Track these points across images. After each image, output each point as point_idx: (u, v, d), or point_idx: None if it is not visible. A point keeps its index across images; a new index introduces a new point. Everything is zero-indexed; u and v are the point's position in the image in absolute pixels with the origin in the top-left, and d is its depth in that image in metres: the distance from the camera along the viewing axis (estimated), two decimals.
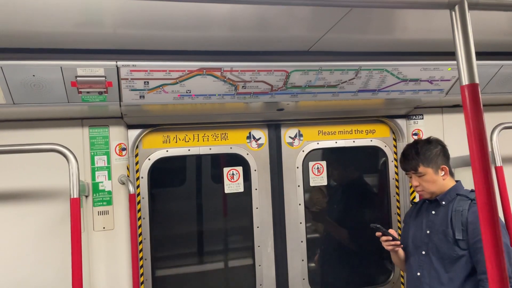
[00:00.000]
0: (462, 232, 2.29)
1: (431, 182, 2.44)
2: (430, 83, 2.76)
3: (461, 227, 2.30)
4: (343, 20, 1.95)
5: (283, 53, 2.40)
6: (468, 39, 1.16)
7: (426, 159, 2.44)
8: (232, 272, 3.31)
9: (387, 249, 2.57)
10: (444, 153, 2.52)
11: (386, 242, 2.52)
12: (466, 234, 2.29)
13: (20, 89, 2.19)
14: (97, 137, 2.74)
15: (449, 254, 2.34)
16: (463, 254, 2.30)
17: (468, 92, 1.15)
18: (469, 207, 2.32)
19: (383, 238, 2.53)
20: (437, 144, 2.52)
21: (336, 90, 2.64)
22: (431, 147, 2.49)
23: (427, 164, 2.44)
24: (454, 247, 2.32)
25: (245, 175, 3.13)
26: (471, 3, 1.19)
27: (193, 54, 2.30)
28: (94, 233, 2.71)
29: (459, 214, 2.33)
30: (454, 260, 2.33)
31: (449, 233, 2.34)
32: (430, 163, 2.44)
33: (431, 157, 2.45)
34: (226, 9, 1.81)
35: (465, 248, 2.30)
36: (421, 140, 2.61)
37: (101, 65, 2.18)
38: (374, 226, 2.52)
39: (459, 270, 2.32)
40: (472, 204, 2.33)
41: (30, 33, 1.93)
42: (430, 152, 2.46)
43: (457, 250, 2.31)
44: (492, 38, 2.43)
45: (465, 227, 2.29)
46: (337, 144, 3.27)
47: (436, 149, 2.49)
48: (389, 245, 2.52)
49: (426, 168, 2.44)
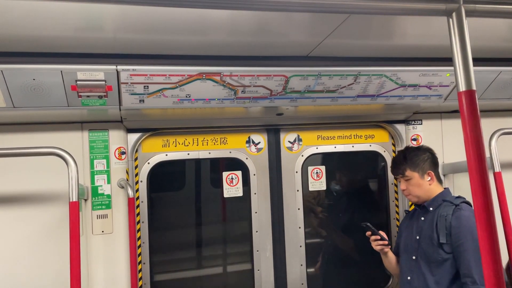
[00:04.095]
0: (446, 236, 2.37)
1: (416, 186, 2.55)
2: (429, 89, 2.77)
3: (445, 231, 2.38)
4: (342, 26, 1.96)
5: (283, 58, 2.41)
6: (465, 46, 1.17)
7: (413, 164, 2.56)
8: (230, 276, 3.30)
9: (376, 249, 2.68)
10: (433, 160, 2.64)
11: (375, 241, 2.65)
12: (450, 238, 2.37)
13: (20, 93, 2.20)
14: (96, 141, 2.75)
15: (434, 258, 2.41)
16: (448, 258, 2.37)
17: (465, 98, 1.16)
18: (453, 212, 2.41)
19: (372, 237, 2.65)
20: (426, 151, 2.65)
21: (335, 95, 2.65)
22: (420, 153, 2.62)
23: (413, 168, 2.56)
24: (439, 250, 2.39)
25: (244, 180, 3.13)
26: (468, 10, 1.20)
27: (192, 59, 2.31)
28: (93, 237, 2.70)
29: (443, 219, 2.41)
30: (439, 263, 2.39)
31: (434, 237, 2.42)
32: (417, 167, 2.56)
33: (417, 162, 2.57)
34: (226, 14, 1.82)
35: (449, 251, 2.37)
36: (412, 147, 2.76)
37: (101, 69, 2.19)
38: (365, 224, 2.63)
39: (444, 273, 2.38)
40: (456, 209, 2.41)
41: (30, 37, 1.93)
42: (418, 157, 2.59)
43: (442, 254, 2.38)
44: (490, 44, 2.44)
45: (448, 231, 2.37)
46: (336, 149, 3.28)
47: (424, 155, 2.61)
48: (378, 244, 2.65)
49: (412, 172, 2.56)
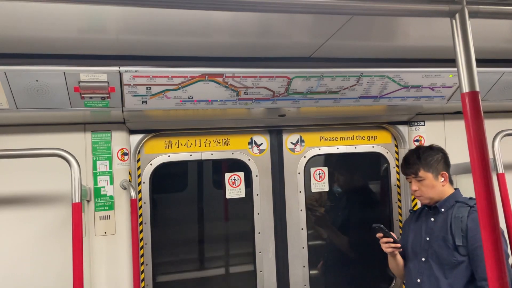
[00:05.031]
0: (462, 238, 2.31)
1: (430, 187, 2.48)
2: (432, 90, 2.76)
3: (461, 233, 2.32)
4: (344, 27, 1.96)
5: (285, 59, 2.41)
6: (468, 47, 1.17)
7: (427, 164, 2.49)
8: (233, 278, 3.30)
9: (386, 251, 2.56)
10: (445, 160, 2.57)
11: (387, 244, 2.52)
12: (466, 240, 2.31)
13: (23, 94, 2.20)
14: (99, 142, 2.75)
15: (448, 260, 2.35)
16: (463, 260, 2.32)
17: (468, 99, 1.15)
18: (469, 214, 2.35)
19: (384, 239, 2.52)
20: (438, 151, 2.58)
21: (337, 96, 2.65)
22: (433, 153, 2.54)
23: (427, 169, 2.48)
24: (454, 253, 2.33)
25: (246, 181, 3.13)
26: (471, 12, 1.20)
27: (195, 60, 2.31)
28: (96, 238, 2.71)
29: (459, 221, 2.35)
30: (453, 266, 2.34)
31: (449, 239, 2.36)
32: (431, 168, 2.49)
33: (431, 163, 2.50)
34: (229, 16, 1.82)
35: (464, 254, 2.31)
36: (424, 146, 2.67)
37: (104, 71, 2.19)
38: (377, 226, 2.50)
39: (458, 276, 2.32)
40: (472, 211, 2.35)
41: (33, 38, 1.94)
42: (432, 157, 2.51)
43: (457, 256, 2.33)
44: (493, 45, 2.43)
45: (464, 233, 2.31)
46: (339, 150, 3.28)
47: (438, 156, 2.54)
48: (389, 247, 2.51)
49: (426, 172, 2.48)
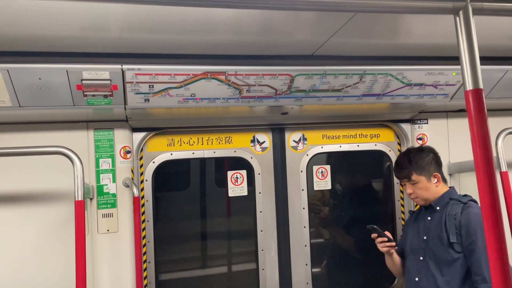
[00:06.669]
0: (456, 235, 2.34)
1: (424, 189, 2.50)
2: (435, 88, 2.75)
3: (455, 230, 2.34)
4: (347, 24, 1.96)
5: (288, 57, 2.40)
6: (472, 45, 1.16)
7: (419, 167, 2.50)
8: (235, 276, 3.30)
9: (382, 250, 2.61)
10: (436, 160, 2.58)
11: (382, 243, 2.58)
12: (460, 237, 2.33)
13: (26, 92, 2.21)
14: (102, 140, 2.76)
15: (444, 258, 2.37)
16: (458, 257, 2.34)
17: (472, 97, 1.15)
18: (462, 210, 2.37)
19: (379, 239, 2.58)
20: (429, 152, 2.58)
21: (340, 94, 2.64)
22: (424, 155, 2.54)
23: (419, 172, 2.49)
24: (449, 250, 2.36)
25: (249, 179, 3.13)
26: (475, 9, 1.19)
27: (197, 58, 2.31)
28: (98, 236, 2.71)
29: (453, 218, 2.37)
30: (449, 263, 2.36)
31: (444, 237, 2.38)
32: (423, 171, 2.50)
33: (423, 165, 2.50)
34: (231, 13, 1.81)
35: (459, 251, 2.34)
36: (414, 149, 2.66)
37: (107, 69, 2.19)
38: (371, 227, 2.57)
39: (455, 273, 2.35)
40: (465, 207, 2.38)
41: (36, 36, 1.94)
42: (422, 160, 2.52)
43: (452, 253, 2.35)
44: (497, 43, 2.42)
45: (458, 230, 2.34)
46: (342, 148, 3.27)
47: (428, 157, 2.54)
48: (384, 246, 2.58)
49: (419, 176, 2.49)
